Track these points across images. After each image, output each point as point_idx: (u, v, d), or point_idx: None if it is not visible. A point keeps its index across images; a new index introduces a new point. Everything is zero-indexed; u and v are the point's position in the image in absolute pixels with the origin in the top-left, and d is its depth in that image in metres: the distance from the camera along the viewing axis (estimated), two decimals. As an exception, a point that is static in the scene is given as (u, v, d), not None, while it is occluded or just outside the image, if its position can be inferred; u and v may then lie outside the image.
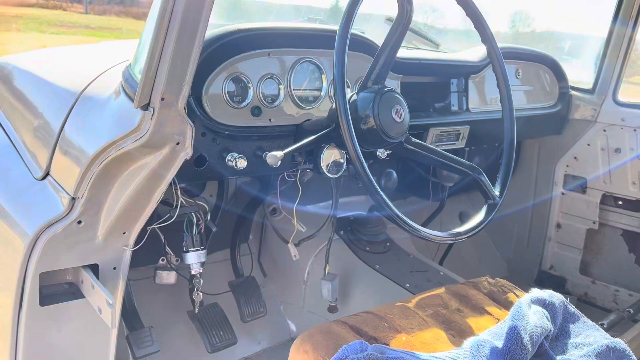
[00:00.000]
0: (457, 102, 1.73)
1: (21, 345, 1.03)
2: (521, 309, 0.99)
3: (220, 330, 1.41)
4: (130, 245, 1.08)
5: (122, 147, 0.95)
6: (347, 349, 0.82)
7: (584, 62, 2.28)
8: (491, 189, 1.16)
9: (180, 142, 0.96)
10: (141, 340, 1.27)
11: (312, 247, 1.77)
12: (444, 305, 1.11)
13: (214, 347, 1.39)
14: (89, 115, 1.11)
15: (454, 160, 1.17)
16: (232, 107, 1.16)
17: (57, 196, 1.07)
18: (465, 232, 1.09)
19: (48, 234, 1.01)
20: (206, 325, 1.41)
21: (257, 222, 1.85)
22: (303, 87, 1.28)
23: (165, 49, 0.88)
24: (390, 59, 1.11)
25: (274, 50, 1.21)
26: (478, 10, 1.24)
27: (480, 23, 1.24)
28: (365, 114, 1.09)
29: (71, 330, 1.07)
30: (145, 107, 0.92)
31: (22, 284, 1.02)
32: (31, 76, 1.49)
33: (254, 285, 1.62)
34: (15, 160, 1.29)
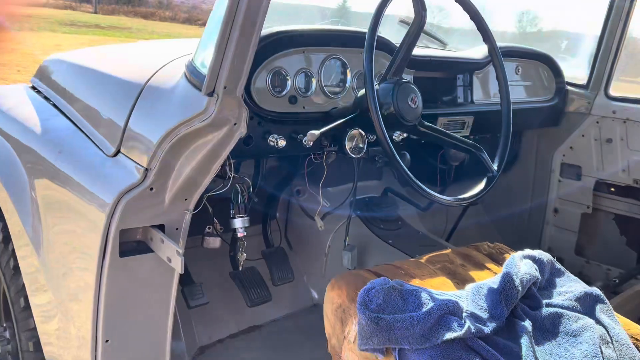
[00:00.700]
0: (462, 95, 1.95)
1: (103, 288, 1.25)
2: (514, 260, 1.21)
3: (257, 289, 1.64)
4: (190, 209, 1.30)
5: (191, 127, 1.17)
6: (374, 282, 1.04)
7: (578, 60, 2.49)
8: (490, 163, 1.39)
9: (237, 122, 1.18)
10: (193, 293, 1.50)
11: (333, 223, 1.99)
12: (450, 262, 1.33)
13: (253, 302, 1.62)
14: (156, 102, 1.34)
15: (460, 140, 1.40)
16: (273, 95, 1.39)
17: (131, 168, 1.29)
18: (469, 198, 1.32)
19: (127, 197, 1.23)
20: (246, 284, 1.64)
21: (283, 203, 2.08)
22: (331, 80, 1.50)
23: (228, 49, 1.10)
24: (407, 55, 1.33)
25: (308, 48, 1.44)
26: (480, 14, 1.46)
27: (481, 25, 1.46)
28: (386, 102, 1.31)
29: (142, 278, 1.29)
30: (210, 94, 1.14)
31: (105, 239, 1.24)
32: (91, 71, 1.72)
33: (283, 254, 1.85)
34: (83, 141, 1.51)
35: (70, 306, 1.38)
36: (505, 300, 1.09)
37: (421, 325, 0.95)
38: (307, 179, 1.70)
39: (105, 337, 1.28)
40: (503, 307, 1.07)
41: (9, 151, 1.69)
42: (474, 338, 0.98)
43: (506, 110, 1.48)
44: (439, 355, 0.93)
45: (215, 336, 1.76)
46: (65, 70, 1.87)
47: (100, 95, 1.57)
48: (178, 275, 1.29)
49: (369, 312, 0.98)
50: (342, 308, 1.10)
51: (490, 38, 1.47)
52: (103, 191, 1.29)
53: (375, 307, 0.99)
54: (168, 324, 1.35)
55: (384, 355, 0.99)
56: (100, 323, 1.27)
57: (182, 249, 1.29)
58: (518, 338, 1.03)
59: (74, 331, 1.38)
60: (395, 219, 2.09)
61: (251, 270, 1.70)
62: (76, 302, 1.35)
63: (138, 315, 1.32)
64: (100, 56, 1.88)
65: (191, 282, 1.55)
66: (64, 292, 1.41)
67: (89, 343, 1.30)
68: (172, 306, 1.33)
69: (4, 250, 1.77)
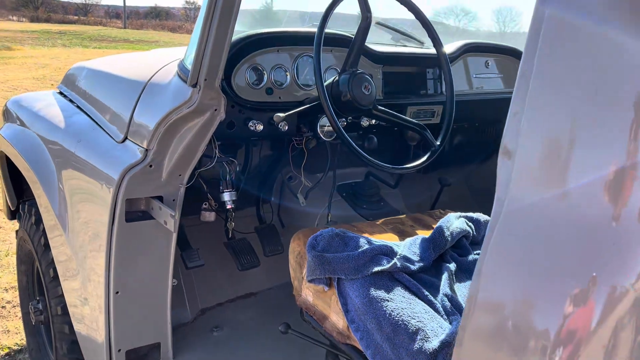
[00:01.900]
0: (432, 87, 2.18)
1: (113, 249, 1.53)
2: (449, 217, 1.45)
3: (247, 256, 1.91)
4: (184, 183, 1.58)
5: (180, 113, 1.44)
6: (322, 231, 1.29)
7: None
8: (433, 139, 1.63)
9: (217, 108, 1.45)
10: (191, 256, 1.78)
11: (321, 204, 2.25)
12: (402, 223, 1.57)
13: (243, 267, 1.89)
14: (154, 96, 1.62)
15: (408, 120, 1.64)
16: (252, 88, 1.66)
17: (135, 150, 1.57)
18: (412, 167, 1.56)
19: (130, 173, 1.51)
20: (237, 251, 1.91)
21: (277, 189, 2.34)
22: (304, 74, 1.77)
23: (207, 47, 1.37)
24: (359, 50, 1.58)
25: (281, 47, 1.70)
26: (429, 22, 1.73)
27: (430, 32, 1.72)
28: (344, 90, 1.57)
29: (145, 240, 1.57)
30: (194, 85, 1.41)
31: (114, 207, 1.52)
32: (106, 74, 2.03)
33: (275, 230, 2.11)
34: (98, 132, 1.81)
35: (88, 266, 1.67)
36: (434, 247, 1.32)
37: (355, 261, 1.20)
38: (292, 163, 1.96)
39: (116, 289, 1.57)
40: (431, 252, 1.31)
41: (39, 144, 2.00)
42: (401, 272, 1.22)
43: (450, 97, 1.73)
44: (368, 283, 1.17)
45: (215, 300, 2.03)
46: (85, 75, 2.17)
47: (112, 94, 1.87)
48: (175, 236, 1.57)
49: (315, 252, 1.23)
50: (300, 255, 1.35)
51: (437, 41, 1.73)
52: (112, 170, 1.57)
53: (320, 248, 1.24)
54: (169, 279, 1.62)
55: (328, 287, 1.23)
56: (112, 278, 1.55)
57: (177, 214, 1.56)
58: (440, 275, 1.26)
59: (92, 287, 1.66)
60: (377, 200, 2.33)
61: (243, 241, 1.97)
62: (93, 262, 1.64)
63: (143, 271, 1.59)
64: (114, 62, 2.19)
65: (189, 247, 1.83)
66: (83, 256, 1.70)
67: (103, 295, 1.58)
68: (171, 264, 1.61)
69: (36, 230, 2.08)
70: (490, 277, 0.68)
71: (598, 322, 0.62)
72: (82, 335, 1.79)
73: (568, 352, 0.63)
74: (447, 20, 3.86)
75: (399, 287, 1.18)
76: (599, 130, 0.64)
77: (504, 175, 0.69)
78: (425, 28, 1.72)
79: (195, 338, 1.86)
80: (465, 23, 3.87)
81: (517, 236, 0.68)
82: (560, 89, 0.68)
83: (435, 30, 1.73)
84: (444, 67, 1.74)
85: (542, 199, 0.66)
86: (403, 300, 1.13)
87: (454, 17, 3.79)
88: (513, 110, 0.71)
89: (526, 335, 0.66)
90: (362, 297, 1.14)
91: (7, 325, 2.85)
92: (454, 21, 3.80)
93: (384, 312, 1.10)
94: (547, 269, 0.66)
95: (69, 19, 31.90)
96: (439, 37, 1.75)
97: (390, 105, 1.89)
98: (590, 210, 0.64)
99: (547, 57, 0.68)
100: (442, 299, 1.17)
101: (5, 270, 3.39)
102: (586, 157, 0.65)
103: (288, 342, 1.77)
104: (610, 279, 0.62)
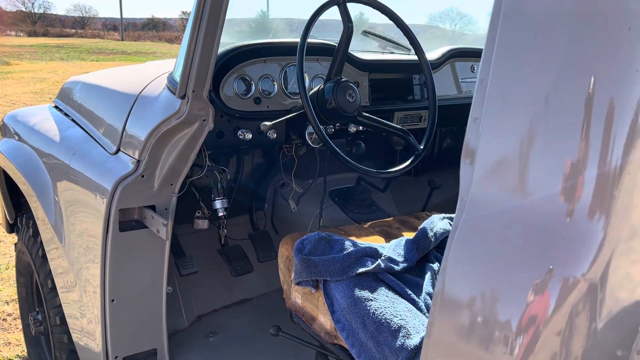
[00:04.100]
0: (419, 93, 2.23)
1: (108, 258, 1.57)
2: (432, 218, 1.49)
3: (240, 262, 1.95)
4: (175, 193, 1.62)
5: (169, 124, 1.49)
6: (309, 235, 1.33)
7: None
8: (416, 144, 1.68)
9: (206, 119, 1.50)
10: (184, 263, 1.82)
11: (313, 209, 2.29)
12: (388, 226, 1.61)
13: (236, 273, 1.93)
14: (145, 108, 1.66)
15: (391, 126, 1.69)
16: (240, 97, 1.70)
17: (127, 161, 1.62)
18: (396, 171, 1.61)
19: (123, 184, 1.55)
20: (230, 257, 1.95)
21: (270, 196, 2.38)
22: (292, 83, 1.81)
23: (194, 60, 1.42)
24: (342, 59, 1.63)
25: (268, 58, 1.75)
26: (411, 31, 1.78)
27: (410, 38, 1.77)
28: (329, 98, 1.61)
29: (138, 248, 1.61)
30: (182, 97, 1.46)
31: (108, 217, 1.56)
32: (99, 88, 2.07)
33: (268, 236, 2.15)
34: (92, 145, 1.85)
35: (84, 277, 1.71)
36: (417, 247, 1.36)
37: (340, 263, 1.24)
38: (283, 169, 2.00)
39: (111, 297, 1.60)
40: (414, 253, 1.35)
41: (35, 158, 2.05)
42: (385, 273, 1.26)
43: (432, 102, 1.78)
44: (353, 284, 1.21)
45: (211, 306, 2.07)
46: (80, 89, 2.22)
47: (105, 107, 1.91)
48: (168, 244, 1.61)
49: (301, 255, 1.27)
50: (289, 259, 1.39)
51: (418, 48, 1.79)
52: (105, 181, 1.61)
53: (307, 251, 1.28)
54: (163, 286, 1.66)
55: (315, 289, 1.27)
56: (107, 286, 1.59)
57: (170, 223, 1.61)
58: (424, 274, 1.30)
59: (87, 298, 1.70)
60: (369, 204, 2.37)
61: (236, 247, 2.01)
62: (88, 273, 1.67)
63: (138, 279, 1.63)
64: (108, 76, 2.24)
65: (183, 255, 1.87)
66: (79, 267, 1.74)
67: (99, 305, 1.62)
68: (165, 271, 1.65)
69: (34, 243, 2.12)
70: (454, 273, 0.72)
71: (554, 309, 0.66)
72: (80, 345, 1.83)
73: (528, 339, 0.67)
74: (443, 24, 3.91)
75: (382, 287, 1.22)
76: (552, 132, 0.69)
77: (466, 177, 0.74)
78: (405, 34, 1.77)
79: (191, 344, 1.90)
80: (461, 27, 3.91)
81: (478, 234, 0.72)
82: (516, 94, 0.72)
83: (416, 37, 1.78)
84: (425, 72, 1.79)
85: (501, 198, 0.71)
86: (386, 300, 1.17)
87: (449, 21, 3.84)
88: (473, 115, 0.75)
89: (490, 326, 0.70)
90: (347, 298, 1.18)
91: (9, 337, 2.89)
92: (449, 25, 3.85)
93: (368, 312, 1.14)
94: (507, 263, 0.70)
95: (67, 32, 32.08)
96: (419, 43, 1.80)
97: (378, 111, 1.93)
98: (545, 207, 0.68)
99: (503, 62, 0.73)
100: (425, 297, 1.21)
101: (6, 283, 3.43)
102: (541, 158, 0.69)
103: (281, 345, 1.81)
104: (565, 270, 0.66)
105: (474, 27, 3.98)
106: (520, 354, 0.67)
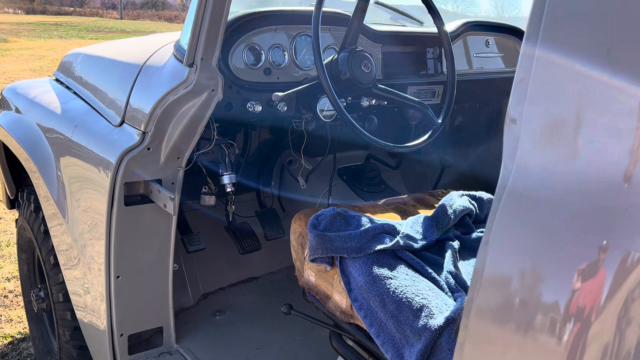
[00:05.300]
0: (432, 67, 2.15)
1: (113, 233, 1.52)
2: (451, 195, 1.43)
3: (248, 239, 1.89)
4: (182, 167, 1.56)
5: (176, 94, 1.42)
6: (324, 211, 1.27)
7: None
8: (435, 118, 1.60)
9: (215, 89, 1.43)
10: (191, 240, 1.76)
11: (321, 187, 2.23)
12: (403, 203, 1.55)
13: (244, 250, 1.88)
14: (150, 78, 1.59)
15: (409, 99, 1.62)
16: (250, 68, 1.63)
17: (132, 133, 1.55)
18: (413, 145, 1.54)
19: (128, 156, 1.49)
20: (238, 234, 1.89)
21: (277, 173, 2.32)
22: (302, 54, 1.74)
23: (203, 26, 1.34)
24: (358, 28, 1.55)
25: (279, 26, 1.67)
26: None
27: (431, 8, 1.68)
28: (343, 68, 1.54)
29: (144, 223, 1.55)
30: (190, 65, 1.38)
31: (112, 191, 1.50)
32: (102, 59, 2.00)
33: (275, 214, 2.10)
34: (95, 117, 1.78)
35: (88, 254, 1.65)
36: (437, 225, 1.30)
37: (357, 239, 1.18)
38: (292, 146, 1.94)
39: (117, 273, 1.55)
40: (434, 230, 1.29)
41: (36, 131, 1.98)
42: (404, 251, 1.20)
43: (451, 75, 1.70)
44: (371, 261, 1.15)
45: (217, 284, 2.02)
46: (81, 61, 2.15)
47: (108, 78, 1.84)
48: (175, 219, 1.55)
49: (316, 231, 1.21)
50: (302, 235, 1.33)
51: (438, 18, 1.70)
52: (110, 154, 1.55)
53: (322, 227, 1.22)
54: (169, 263, 1.61)
55: (331, 266, 1.22)
56: (112, 262, 1.54)
57: (177, 197, 1.55)
58: (444, 253, 1.25)
59: (92, 275, 1.65)
60: (378, 182, 2.31)
61: (244, 224, 1.95)
62: (92, 250, 1.62)
63: (144, 256, 1.58)
64: (110, 47, 2.16)
65: (189, 232, 1.81)
66: (83, 243, 1.68)
67: (104, 282, 1.57)
68: (172, 247, 1.59)
69: (35, 218, 2.06)
70: (497, 249, 0.66)
71: (610, 290, 0.60)
72: (84, 322, 1.78)
73: (579, 325, 0.61)
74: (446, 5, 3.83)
75: (402, 265, 1.16)
76: (611, 90, 0.62)
77: (510, 143, 0.67)
78: (425, 4, 1.69)
79: (197, 322, 1.85)
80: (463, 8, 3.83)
81: (525, 206, 0.66)
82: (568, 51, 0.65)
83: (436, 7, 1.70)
84: (445, 44, 1.71)
85: (551, 164, 0.64)
86: (406, 278, 1.11)
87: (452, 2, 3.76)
88: (519, 76, 0.68)
89: (534, 309, 0.64)
90: (365, 276, 1.13)
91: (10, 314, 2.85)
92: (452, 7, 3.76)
93: (388, 290, 1.08)
94: (558, 236, 0.64)
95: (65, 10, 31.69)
96: (439, 14, 1.71)
97: (390, 85, 1.86)
98: (599, 173, 0.62)
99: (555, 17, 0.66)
100: (446, 276, 1.15)
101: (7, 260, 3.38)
102: (597, 118, 0.62)
103: (291, 324, 1.76)
104: (623, 245, 0.60)
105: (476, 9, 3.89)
106: (570, 341, 0.62)
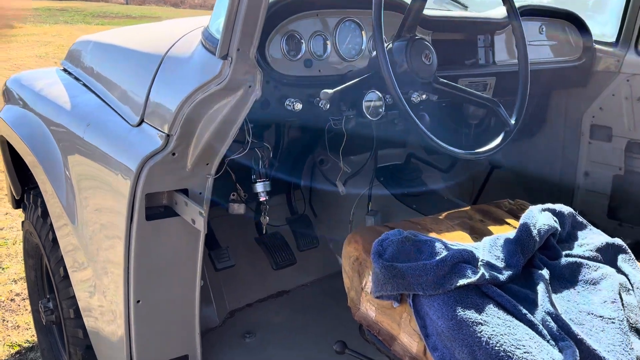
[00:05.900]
0: (484, 56, 1.92)
1: (132, 251, 1.31)
2: (532, 212, 1.21)
3: (282, 252, 1.69)
4: (212, 174, 1.34)
5: (207, 91, 1.20)
6: (388, 234, 1.06)
7: (606, 16, 2.41)
8: (508, 118, 1.38)
9: (252, 85, 1.21)
10: (220, 256, 1.56)
11: (357, 190, 2.01)
12: (469, 217, 1.34)
13: (278, 265, 1.67)
14: (175, 70, 1.37)
15: (477, 95, 1.39)
16: (289, 59, 1.41)
17: (154, 135, 1.34)
18: (485, 152, 1.31)
19: (150, 163, 1.28)
20: (271, 248, 1.68)
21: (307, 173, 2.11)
22: (347, 43, 1.51)
23: (239, 12, 1.12)
24: (418, 13, 1.32)
25: (321, 11, 1.45)
26: None
27: None
28: (400, 59, 1.31)
29: (168, 240, 1.35)
30: (224, 57, 1.17)
31: (132, 203, 1.29)
32: (115, 47, 1.78)
33: (308, 221, 1.89)
34: (109, 114, 1.57)
35: (104, 271, 1.45)
36: (522, 250, 1.09)
37: (434, 272, 0.97)
38: (328, 146, 1.72)
39: (137, 297, 1.35)
40: (519, 257, 1.08)
41: (42, 128, 1.77)
42: (489, 285, 0.99)
43: (523, 66, 1.46)
44: (453, 300, 0.94)
45: (245, 300, 1.82)
46: (92, 50, 1.93)
47: (124, 70, 1.63)
48: (203, 236, 1.34)
49: (383, 261, 1.00)
50: (359, 261, 1.12)
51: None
52: (128, 159, 1.34)
53: (389, 256, 1.01)
54: (196, 285, 1.40)
55: (399, 303, 1.01)
56: (132, 284, 1.33)
57: (206, 211, 1.34)
58: (535, 286, 1.04)
59: (109, 297, 1.45)
60: (419, 184, 2.09)
61: (276, 235, 1.75)
62: (109, 267, 1.42)
63: (167, 277, 1.37)
64: (124, 34, 1.94)
65: (218, 246, 1.60)
66: (97, 259, 1.48)
67: (122, 305, 1.37)
68: (199, 267, 1.38)
69: (43, 224, 1.86)
70: None
71: None
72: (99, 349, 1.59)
73: None
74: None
75: (490, 305, 0.95)
76: None
77: None
78: None
79: (225, 345, 1.65)
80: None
81: None
82: None
83: None
84: (515, 28, 1.47)
85: None
86: (500, 323, 0.90)
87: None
88: None
89: None
90: (446, 319, 0.92)
91: (17, 320, 2.67)
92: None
93: (479, 340, 0.87)
94: None
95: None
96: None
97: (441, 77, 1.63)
98: None
99: None
100: (544, 318, 0.94)
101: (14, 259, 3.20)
102: None
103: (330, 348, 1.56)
104: None
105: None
106: None
